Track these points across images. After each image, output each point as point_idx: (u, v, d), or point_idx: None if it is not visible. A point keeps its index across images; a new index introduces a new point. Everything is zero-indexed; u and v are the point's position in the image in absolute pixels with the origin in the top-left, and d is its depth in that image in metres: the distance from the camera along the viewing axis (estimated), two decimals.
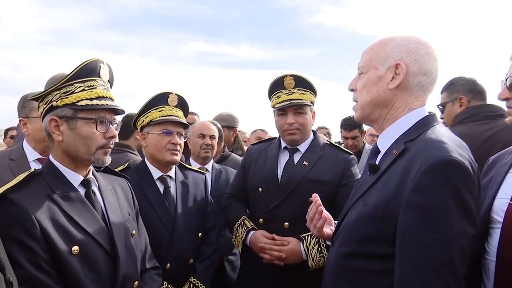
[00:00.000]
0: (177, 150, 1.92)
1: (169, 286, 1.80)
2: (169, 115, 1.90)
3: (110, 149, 1.36)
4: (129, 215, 1.49)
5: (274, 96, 2.10)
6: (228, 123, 3.44)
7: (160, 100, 1.94)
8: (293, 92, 2.04)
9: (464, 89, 2.39)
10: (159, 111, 1.91)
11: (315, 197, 1.45)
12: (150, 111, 1.92)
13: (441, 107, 2.50)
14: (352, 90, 1.27)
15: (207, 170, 2.70)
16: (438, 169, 0.96)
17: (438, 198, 0.95)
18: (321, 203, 1.42)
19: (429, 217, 0.95)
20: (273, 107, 2.11)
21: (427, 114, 1.16)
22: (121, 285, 1.30)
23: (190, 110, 2.20)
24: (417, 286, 0.95)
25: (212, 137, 2.67)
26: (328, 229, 1.45)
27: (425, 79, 1.15)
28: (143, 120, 1.94)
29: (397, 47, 1.15)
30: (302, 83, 2.06)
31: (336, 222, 1.49)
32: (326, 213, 1.46)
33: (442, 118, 2.49)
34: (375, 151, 1.26)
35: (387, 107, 1.18)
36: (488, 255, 1.27)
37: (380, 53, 1.17)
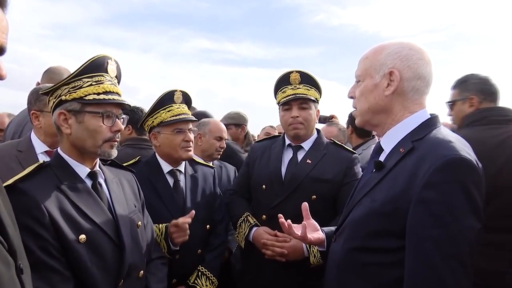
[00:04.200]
0: (190, 147, 1.96)
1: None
2: (179, 114, 1.93)
3: (116, 143, 1.39)
4: (135, 207, 1.52)
5: (279, 92, 2.12)
6: (236, 121, 3.47)
7: (166, 99, 1.95)
8: (298, 88, 2.06)
9: (475, 89, 2.22)
10: (168, 111, 1.92)
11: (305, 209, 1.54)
12: (158, 112, 1.93)
13: (450, 104, 2.33)
14: (351, 97, 1.32)
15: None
16: (449, 167, 1.00)
17: (448, 195, 0.99)
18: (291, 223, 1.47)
19: (439, 212, 0.99)
20: (278, 103, 2.13)
21: (431, 116, 1.20)
22: (126, 274, 1.34)
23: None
24: (429, 278, 0.99)
25: (225, 139, 2.74)
26: (316, 234, 1.48)
27: (420, 83, 1.19)
28: (152, 121, 1.95)
29: (390, 55, 1.19)
30: (308, 80, 2.08)
31: (325, 228, 1.54)
32: (312, 222, 1.53)
33: (450, 115, 2.36)
34: (378, 150, 1.29)
35: (386, 113, 1.23)
36: None
37: (374, 61, 1.22)
